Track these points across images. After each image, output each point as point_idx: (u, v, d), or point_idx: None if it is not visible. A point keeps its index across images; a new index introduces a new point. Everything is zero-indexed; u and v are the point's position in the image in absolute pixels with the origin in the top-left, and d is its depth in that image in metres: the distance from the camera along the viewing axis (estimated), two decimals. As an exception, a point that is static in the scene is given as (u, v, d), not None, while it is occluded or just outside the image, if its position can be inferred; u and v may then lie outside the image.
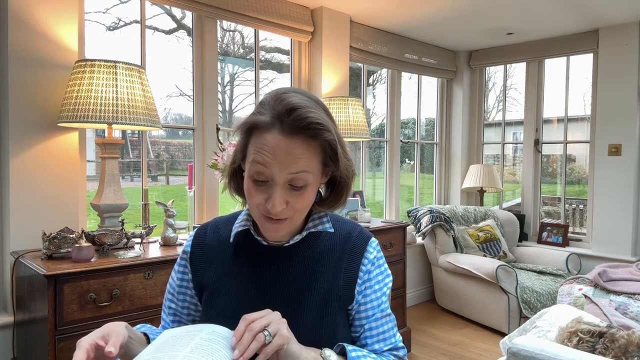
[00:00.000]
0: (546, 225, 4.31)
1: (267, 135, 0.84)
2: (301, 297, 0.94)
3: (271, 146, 0.83)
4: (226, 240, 1.00)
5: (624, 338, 1.67)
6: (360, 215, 3.09)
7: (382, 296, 1.00)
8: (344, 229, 1.02)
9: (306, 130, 0.83)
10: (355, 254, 0.99)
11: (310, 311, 0.93)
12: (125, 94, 1.99)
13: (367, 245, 1.00)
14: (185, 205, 2.70)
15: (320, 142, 0.85)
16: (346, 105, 3.06)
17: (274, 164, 0.83)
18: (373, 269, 0.99)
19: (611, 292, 2.91)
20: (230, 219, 1.05)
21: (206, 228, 1.05)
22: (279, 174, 0.84)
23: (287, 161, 0.83)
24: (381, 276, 1.01)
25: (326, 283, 0.95)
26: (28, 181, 2.11)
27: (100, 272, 1.80)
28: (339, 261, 0.98)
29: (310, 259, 0.97)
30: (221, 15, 2.86)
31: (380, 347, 0.97)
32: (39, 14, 2.12)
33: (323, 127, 0.84)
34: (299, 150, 0.84)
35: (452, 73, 4.71)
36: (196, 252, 1.02)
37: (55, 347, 1.70)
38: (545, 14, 3.53)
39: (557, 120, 4.52)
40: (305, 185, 0.87)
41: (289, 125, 0.82)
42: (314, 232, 0.98)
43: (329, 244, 0.99)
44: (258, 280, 0.95)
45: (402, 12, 3.48)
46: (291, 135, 0.83)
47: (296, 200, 0.87)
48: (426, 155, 4.82)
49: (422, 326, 3.69)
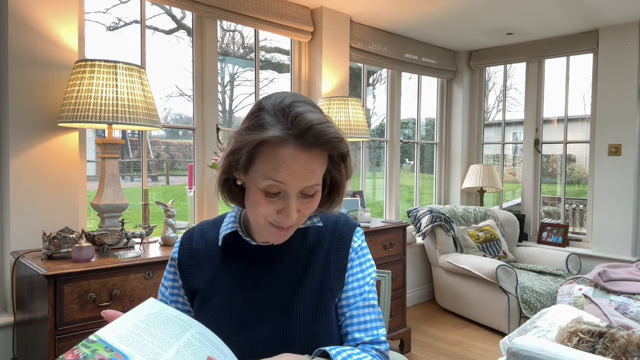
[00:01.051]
0: (546, 225, 4.31)
1: (282, 150, 0.82)
2: (293, 293, 0.94)
3: (289, 162, 0.82)
4: (214, 243, 1.00)
5: (624, 338, 1.67)
6: (360, 215, 3.09)
7: (364, 285, 0.99)
8: (330, 220, 1.02)
9: (325, 145, 0.83)
10: (342, 243, 1.00)
11: (304, 306, 0.93)
12: (125, 94, 1.99)
13: (353, 234, 1.01)
14: (185, 205, 2.70)
15: (334, 153, 0.86)
16: (346, 105, 3.06)
17: (292, 179, 0.83)
18: (356, 257, 1.00)
19: (611, 292, 2.91)
20: (215, 222, 1.05)
21: (192, 233, 1.04)
22: (295, 187, 0.84)
23: (304, 175, 0.83)
24: (364, 265, 1.01)
25: (317, 276, 0.96)
26: (28, 181, 2.11)
27: (100, 272, 1.80)
28: (327, 252, 0.98)
29: (300, 255, 0.97)
30: (221, 15, 2.86)
31: (361, 337, 0.96)
32: (39, 14, 2.12)
33: (342, 140, 0.85)
34: (316, 164, 0.84)
35: (452, 73, 4.71)
36: (184, 258, 1.01)
37: (55, 347, 1.70)
38: (545, 14, 3.53)
39: (557, 120, 4.52)
40: (316, 192, 0.88)
41: (308, 140, 0.82)
42: (302, 227, 0.99)
43: (317, 237, 1.00)
44: (249, 281, 0.95)
45: (402, 12, 3.48)
46: (308, 149, 0.83)
47: (306, 207, 0.88)
48: (426, 155, 4.82)
49: (422, 326, 3.69)
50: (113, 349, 0.69)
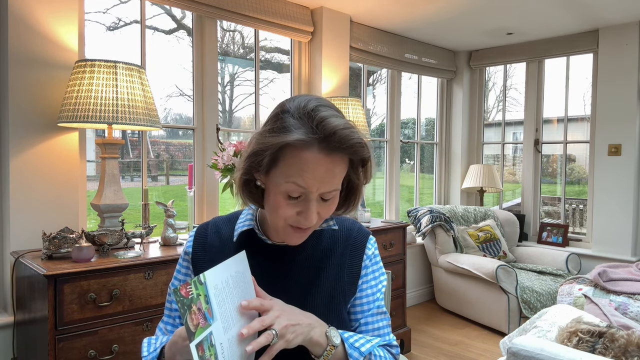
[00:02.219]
0: (546, 225, 4.31)
1: (306, 154, 0.83)
2: (307, 294, 0.95)
3: (312, 165, 0.83)
4: (228, 239, 1.00)
5: (624, 338, 1.67)
6: (360, 215, 3.09)
7: (377, 292, 1.02)
8: (344, 225, 1.04)
9: (347, 149, 0.84)
10: (356, 250, 1.01)
11: (317, 308, 0.94)
12: (125, 94, 1.99)
13: (367, 241, 1.03)
14: (185, 205, 2.70)
15: (355, 158, 0.88)
16: (346, 105, 3.06)
17: (314, 183, 0.84)
18: (370, 264, 1.02)
19: (611, 292, 2.91)
20: (230, 218, 1.05)
21: (206, 228, 1.04)
22: (316, 191, 0.85)
23: (325, 179, 0.84)
24: (377, 273, 1.03)
25: (331, 279, 0.97)
26: (28, 181, 2.11)
27: (100, 272, 1.80)
28: (341, 257, 1.00)
29: (313, 257, 0.98)
30: (221, 15, 2.86)
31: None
32: (39, 14, 2.12)
33: (364, 146, 0.86)
34: (338, 168, 0.85)
35: (452, 73, 4.71)
36: (198, 252, 1.01)
37: (55, 347, 1.70)
38: (545, 14, 3.53)
39: (557, 120, 4.52)
40: (334, 195, 0.89)
41: (333, 145, 0.83)
42: (317, 229, 1.00)
43: (331, 241, 1.01)
44: (263, 279, 0.95)
45: (402, 12, 3.48)
46: (331, 154, 0.83)
47: (325, 210, 0.89)
48: (426, 155, 4.82)
49: (422, 326, 3.69)
50: (208, 302, 0.76)
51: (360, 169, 0.92)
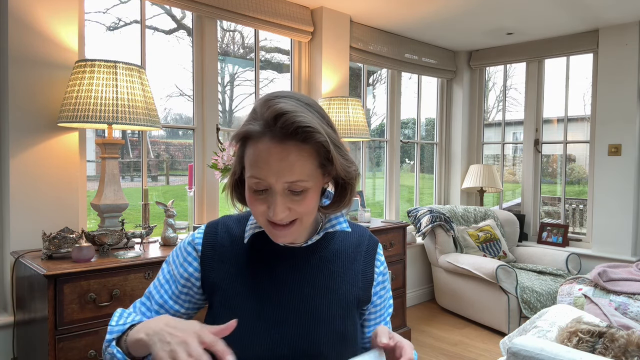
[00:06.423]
0: (546, 225, 4.31)
1: (259, 144, 0.82)
2: (320, 297, 0.94)
3: (264, 155, 0.82)
4: (239, 240, 0.99)
5: (624, 338, 1.67)
6: (360, 215, 3.08)
7: (390, 298, 1.07)
8: (355, 231, 1.04)
9: (296, 135, 0.81)
10: (369, 256, 1.02)
11: (333, 312, 0.94)
12: (125, 94, 1.99)
13: (377, 248, 1.05)
14: (185, 205, 2.70)
15: (313, 145, 0.83)
16: (346, 105, 3.06)
17: (270, 173, 0.82)
18: (385, 271, 1.05)
19: (611, 292, 2.92)
20: (239, 218, 1.03)
21: (216, 226, 1.02)
22: (276, 182, 0.83)
23: (281, 169, 0.82)
24: (387, 283, 1.07)
25: (345, 284, 0.97)
26: (28, 181, 2.11)
27: (100, 272, 1.80)
28: (354, 262, 0.99)
29: (326, 259, 0.97)
30: (221, 15, 2.86)
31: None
32: (39, 14, 2.12)
33: (313, 129, 0.81)
34: (292, 157, 0.82)
35: (452, 73, 4.71)
36: (208, 251, 0.98)
37: (55, 347, 1.70)
38: (545, 14, 3.53)
39: (557, 120, 4.52)
40: (305, 190, 0.85)
41: (279, 131, 0.81)
42: (330, 231, 0.99)
43: (343, 245, 1.00)
44: (275, 281, 0.94)
45: (402, 12, 3.48)
46: (282, 142, 0.81)
47: (298, 205, 0.86)
48: (426, 155, 4.82)
49: (422, 326, 3.69)
50: None
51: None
